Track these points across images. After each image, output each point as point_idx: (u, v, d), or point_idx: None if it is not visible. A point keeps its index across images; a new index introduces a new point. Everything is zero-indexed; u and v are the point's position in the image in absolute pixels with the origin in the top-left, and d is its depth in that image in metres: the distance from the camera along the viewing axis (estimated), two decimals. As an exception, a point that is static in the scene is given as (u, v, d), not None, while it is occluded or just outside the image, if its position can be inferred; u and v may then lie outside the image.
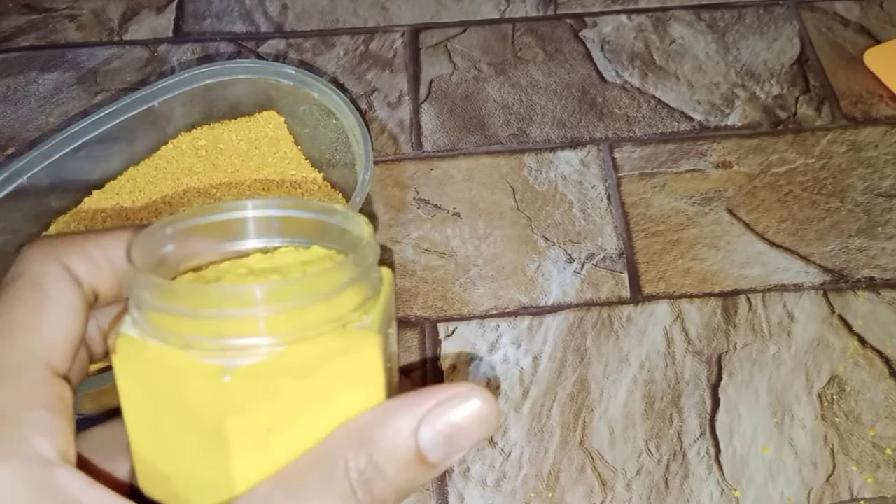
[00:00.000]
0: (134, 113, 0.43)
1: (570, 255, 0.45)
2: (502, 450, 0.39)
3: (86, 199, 0.43)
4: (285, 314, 0.22)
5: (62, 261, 0.21)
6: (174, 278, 0.24)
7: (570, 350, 0.41)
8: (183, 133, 0.45)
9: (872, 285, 0.43)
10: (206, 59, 0.54)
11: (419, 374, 0.41)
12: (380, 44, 0.55)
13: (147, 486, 0.24)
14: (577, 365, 0.41)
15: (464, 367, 0.41)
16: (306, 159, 0.46)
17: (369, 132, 0.44)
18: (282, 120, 0.47)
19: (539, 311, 0.43)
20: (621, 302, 0.43)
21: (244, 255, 0.25)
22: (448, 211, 0.46)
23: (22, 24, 0.56)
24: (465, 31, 0.55)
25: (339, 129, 0.44)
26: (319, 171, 0.45)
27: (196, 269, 0.24)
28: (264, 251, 0.26)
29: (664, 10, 0.56)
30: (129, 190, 0.42)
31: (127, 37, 0.55)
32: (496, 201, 0.47)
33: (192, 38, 0.55)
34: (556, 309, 0.43)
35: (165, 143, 0.45)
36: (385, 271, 0.25)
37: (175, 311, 0.22)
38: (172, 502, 0.24)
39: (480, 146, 0.49)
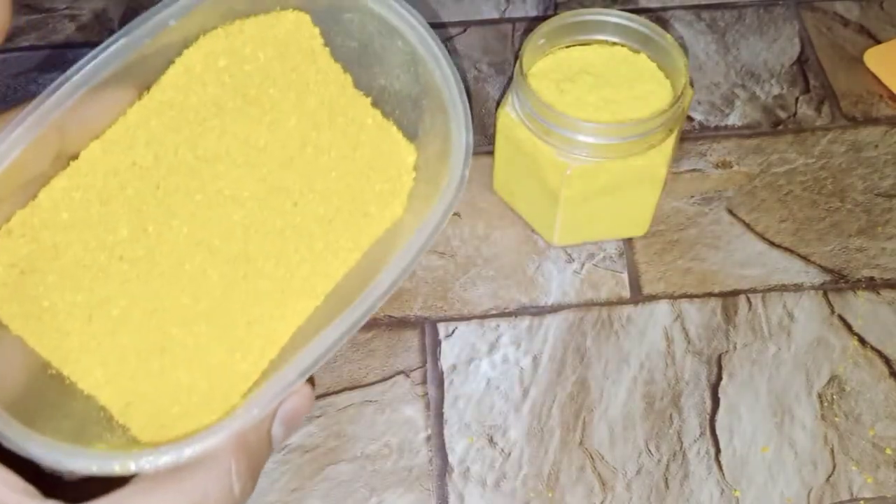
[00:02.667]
0: (146, 42, 0.28)
1: (569, 254, 0.45)
2: (502, 450, 0.39)
3: (83, 153, 0.28)
4: (608, 145, 0.38)
5: None
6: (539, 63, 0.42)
7: (570, 350, 0.41)
8: (193, 47, 0.30)
9: (872, 285, 0.43)
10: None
11: (419, 374, 0.41)
12: (380, 44, 0.55)
13: (499, 189, 0.46)
14: (577, 365, 0.41)
15: (464, 366, 0.41)
16: (355, 87, 0.33)
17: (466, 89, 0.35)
18: (313, 26, 0.32)
19: (539, 311, 0.43)
20: (621, 302, 0.43)
21: (591, 42, 0.43)
22: (448, 211, 0.46)
23: (22, 24, 0.56)
24: (465, 31, 0.55)
25: (406, 53, 0.32)
26: (375, 107, 0.33)
27: (563, 48, 0.43)
28: (605, 43, 0.43)
29: (664, 9, 0.56)
30: (140, 140, 0.29)
31: (127, 37, 0.55)
32: (496, 201, 0.47)
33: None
34: (556, 309, 0.43)
35: (172, 62, 0.30)
36: (686, 93, 0.40)
37: (541, 118, 0.39)
38: (511, 200, 0.46)
39: (480, 146, 0.49)
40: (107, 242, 0.28)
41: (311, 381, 0.28)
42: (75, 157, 0.28)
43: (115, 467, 0.24)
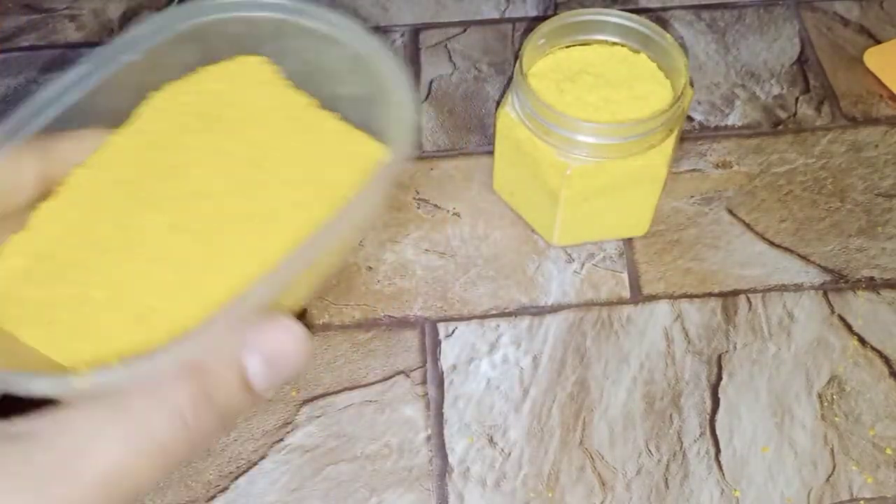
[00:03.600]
0: (108, 72, 0.34)
1: (569, 254, 0.45)
2: (502, 450, 0.39)
3: (68, 179, 0.32)
4: (608, 144, 0.38)
5: None
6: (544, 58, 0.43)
7: (570, 350, 0.41)
8: (158, 91, 0.35)
9: (872, 285, 0.43)
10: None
11: (419, 374, 0.41)
12: (380, 44, 0.55)
13: (499, 189, 0.46)
14: (576, 365, 0.41)
15: (464, 366, 0.41)
16: (312, 99, 0.36)
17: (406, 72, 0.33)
18: (272, 64, 0.36)
19: (539, 311, 0.43)
20: (621, 302, 0.43)
21: (591, 42, 0.43)
22: (448, 211, 0.46)
23: (22, 24, 0.56)
24: (465, 31, 0.55)
25: (348, 60, 0.35)
26: (332, 112, 0.35)
27: (563, 48, 0.43)
28: (605, 43, 0.43)
29: (664, 9, 0.56)
30: (119, 162, 0.33)
31: (127, 37, 0.55)
32: (496, 201, 0.47)
33: (192, 38, 0.55)
34: (556, 309, 0.43)
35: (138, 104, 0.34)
36: (686, 93, 0.40)
37: (541, 118, 0.39)
38: (511, 200, 0.46)
39: (480, 146, 0.49)
40: (90, 241, 0.30)
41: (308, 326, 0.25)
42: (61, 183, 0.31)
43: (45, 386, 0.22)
